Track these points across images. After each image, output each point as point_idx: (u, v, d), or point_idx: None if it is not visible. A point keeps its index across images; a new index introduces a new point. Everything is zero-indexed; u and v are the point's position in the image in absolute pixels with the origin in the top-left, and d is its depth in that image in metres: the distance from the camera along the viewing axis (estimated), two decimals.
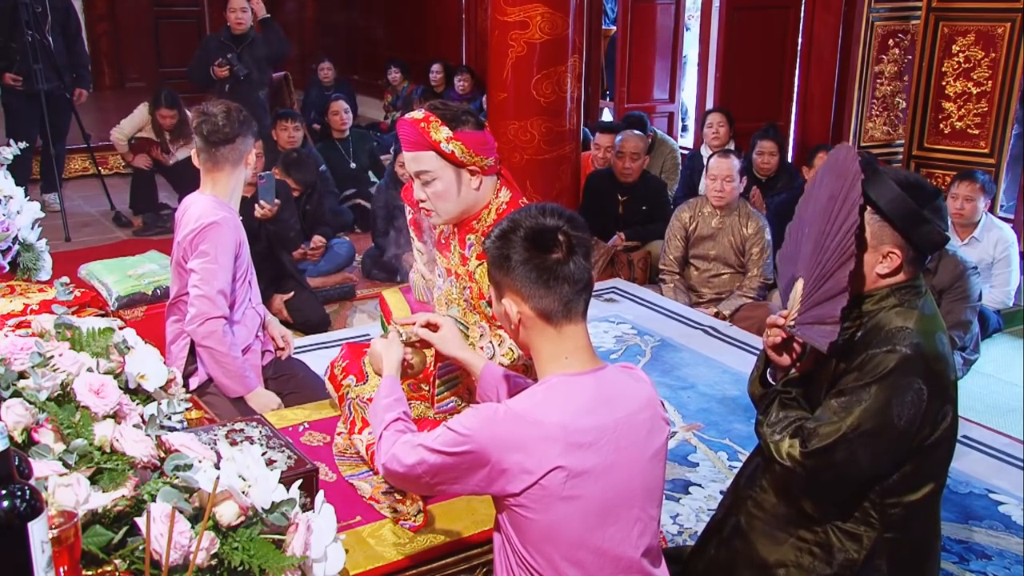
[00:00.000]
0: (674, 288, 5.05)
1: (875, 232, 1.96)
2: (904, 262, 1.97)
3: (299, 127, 6.12)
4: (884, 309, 1.98)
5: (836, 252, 1.94)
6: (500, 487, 1.66)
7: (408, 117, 2.42)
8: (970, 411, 3.92)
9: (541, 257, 1.69)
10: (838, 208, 1.96)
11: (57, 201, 6.30)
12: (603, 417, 1.68)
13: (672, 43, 7.82)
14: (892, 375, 1.89)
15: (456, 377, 2.47)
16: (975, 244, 4.72)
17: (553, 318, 1.71)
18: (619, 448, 1.68)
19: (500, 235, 1.73)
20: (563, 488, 1.64)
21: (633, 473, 1.71)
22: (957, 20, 5.30)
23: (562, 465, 1.63)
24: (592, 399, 1.69)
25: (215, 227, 2.85)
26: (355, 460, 2.62)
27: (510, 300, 1.73)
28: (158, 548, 1.33)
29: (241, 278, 2.99)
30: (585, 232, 1.75)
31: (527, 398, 1.71)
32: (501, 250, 1.72)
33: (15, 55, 5.94)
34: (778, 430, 2.01)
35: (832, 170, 2.03)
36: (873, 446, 1.90)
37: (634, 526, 1.73)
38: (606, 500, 1.68)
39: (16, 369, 1.66)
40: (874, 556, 2.00)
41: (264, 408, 2.93)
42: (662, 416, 1.80)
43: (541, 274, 1.69)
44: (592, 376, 1.72)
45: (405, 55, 9.44)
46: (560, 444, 1.63)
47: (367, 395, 2.66)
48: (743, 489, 2.21)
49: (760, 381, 2.22)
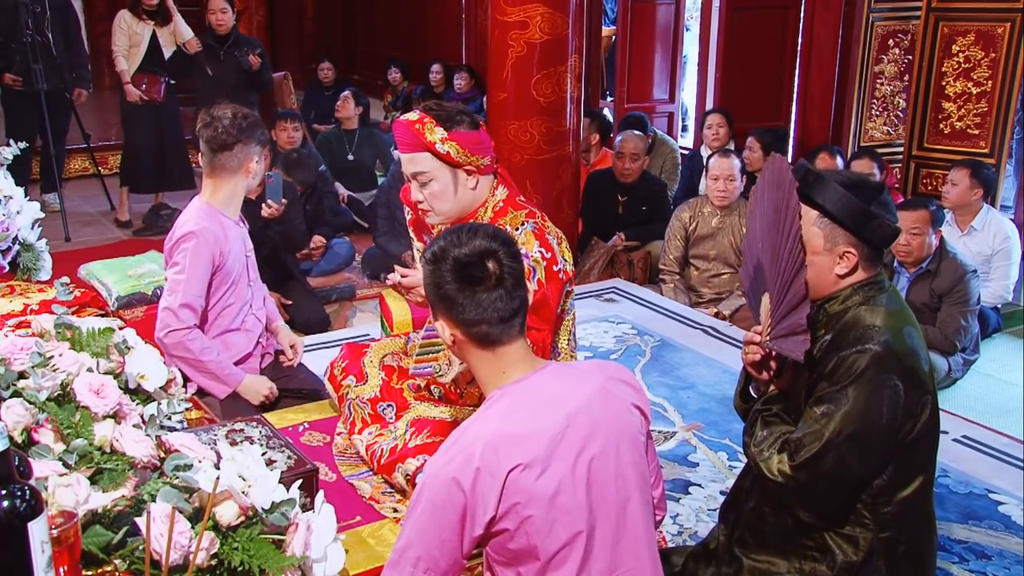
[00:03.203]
0: (674, 288, 5.05)
1: (827, 235, 2.00)
2: (860, 259, 2.01)
3: (299, 127, 6.12)
4: (850, 308, 2.00)
5: (790, 260, 1.98)
6: (480, 519, 1.60)
7: (403, 119, 2.42)
8: (970, 411, 3.92)
9: (470, 289, 1.67)
10: (783, 217, 2.01)
11: (57, 201, 6.30)
12: (554, 414, 1.66)
13: (672, 43, 7.82)
14: (866, 374, 1.91)
15: (437, 344, 2.46)
16: (974, 234, 4.72)
17: (486, 343, 1.70)
18: (577, 437, 1.65)
19: (431, 260, 1.71)
20: (526, 493, 1.60)
21: (600, 461, 1.67)
22: (957, 20, 5.30)
23: (521, 463, 1.60)
24: (539, 400, 1.68)
25: (190, 238, 2.83)
26: (355, 460, 2.62)
27: (443, 323, 1.73)
28: (158, 548, 1.33)
29: (230, 286, 2.94)
30: (516, 258, 1.72)
31: (473, 423, 1.69)
32: (433, 276, 1.70)
33: (15, 55, 5.93)
34: (765, 448, 2.03)
35: (771, 183, 2.08)
36: (860, 448, 1.92)
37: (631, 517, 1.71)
38: (576, 494, 1.65)
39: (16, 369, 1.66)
40: (872, 557, 2.00)
41: (258, 394, 2.92)
42: (628, 401, 1.76)
43: (470, 306, 1.67)
44: (533, 378, 1.71)
45: (405, 55, 9.44)
46: (510, 448, 1.60)
47: (367, 395, 2.67)
48: (743, 502, 2.22)
49: (741, 396, 2.24)
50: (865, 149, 5.48)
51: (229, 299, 2.97)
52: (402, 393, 2.64)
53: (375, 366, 2.74)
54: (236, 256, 2.96)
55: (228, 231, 2.92)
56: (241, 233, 3.02)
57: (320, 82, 8.45)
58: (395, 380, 2.68)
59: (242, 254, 3.01)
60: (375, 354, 2.79)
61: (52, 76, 6.02)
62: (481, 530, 1.61)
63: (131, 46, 6.24)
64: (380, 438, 2.53)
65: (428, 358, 2.47)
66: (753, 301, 2.17)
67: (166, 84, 6.27)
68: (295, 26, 11.43)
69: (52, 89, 6.02)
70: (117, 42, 6.28)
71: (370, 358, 2.77)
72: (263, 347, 3.14)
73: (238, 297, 2.99)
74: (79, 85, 6.42)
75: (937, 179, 5.34)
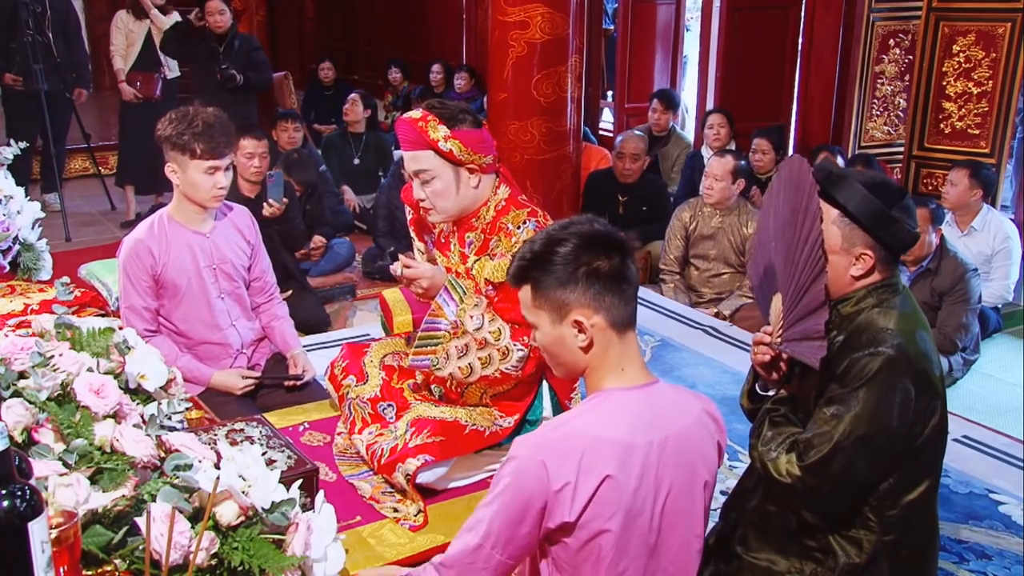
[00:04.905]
0: (674, 288, 5.05)
1: (846, 235, 1.97)
2: (877, 262, 1.98)
3: (299, 127, 6.12)
4: (864, 311, 1.98)
5: (808, 265, 1.95)
6: (560, 515, 1.58)
7: (406, 117, 2.43)
8: (970, 411, 3.92)
9: (607, 261, 1.64)
10: (801, 221, 1.97)
11: (57, 201, 6.30)
12: (654, 432, 1.64)
13: (672, 43, 7.82)
14: (878, 377, 1.89)
15: (436, 337, 2.46)
16: (975, 234, 4.72)
17: (619, 325, 1.67)
18: (668, 464, 1.64)
19: (548, 255, 1.65)
20: (613, 506, 1.58)
21: (679, 492, 1.67)
22: (957, 20, 5.29)
23: (612, 475, 1.58)
24: (644, 414, 1.65)
25: (122, 245, 2.86)
26: (355, 460, 2.63)
27: (579, 315, 1.64)
28: (158, 548, 1.33)
29: (180, 298, 2.87)
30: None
31: (577, 416, 1.66)
32: (566, 267, 1.64)
33: (15, 55, 5.93)
34: (773, 448, 2.01)
35: (789, 183, 2.04)
36: (869, 451, 1.90)
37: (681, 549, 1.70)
38: (653, 520, 1.64)
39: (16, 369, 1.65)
40: (876, 559, 1.99)
41: (232, 387, 2.93)
42: (714, 437, 1.76)
43: (611, 280, 1.64)
44: (644, 391, 1.69)
45: (405, 55, 9.43)
46: (609, 456, 1.58)
47: (367, 395, 2.67)
48: (746, 501, 2.21)
49: (749, 395, 2.23)
50: (859, 156, 5.46)
51: (182, 311, 2.90)
52: (402, 393, 2.65)
53: (375, 366, 2.74)
54: (180, 268, 2.85)
55: (173, 242, 2.84)
56: (200, 244, 2.89)
57: (320, 82, 8.44)
58: (395, 380, 2.68)
59: (194, 266, 2.88)
60: (375, 354, 2.79)
61: (52, 76, 6.02)
62: (554, 526, 1.59)
63: (127, 44, 6.26)
64: (380, 438, 2.53)
65: (427, 351, 2.47)
66: (762, 300, 2.15)
67: (162, 82, 6.27)
68: (295, 26, 11.43)
69: (52, 89, 6.02)
70: (115, 41, 6.31)
71: (370, 358, 2.77)
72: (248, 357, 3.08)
73: (196, 310, 2.90)
74: (79, 85, 6.42)
75: (937, 179, 5.33)
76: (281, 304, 3.20)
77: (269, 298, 3.16)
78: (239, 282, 3.01)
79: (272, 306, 3.16)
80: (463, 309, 2.40)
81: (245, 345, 3.07)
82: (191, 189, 2.79)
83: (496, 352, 2.38)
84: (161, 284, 2.85)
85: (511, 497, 1.58)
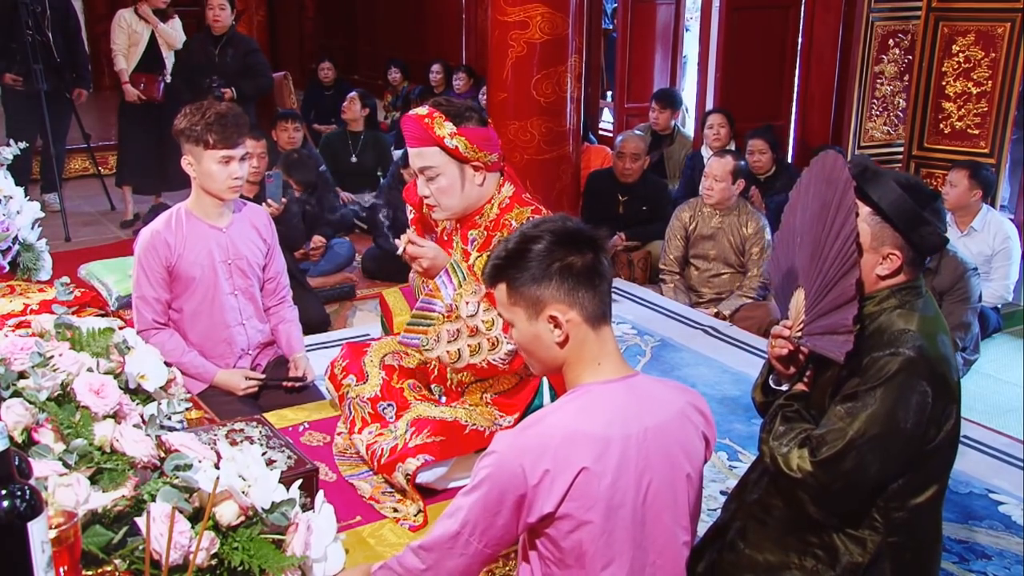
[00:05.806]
0: (674, 288, 5.05)
1: (875, 233, 1.95)
2: (904, 263, 1.96)
3: (299, 127, 6.12)
4: (885, 311, 1.97)
5: (838, 260, 1.93)
6: (539, 508, 1.60)
7: (413, 113, 2.43)
8: (970, 411, 3.92)
9: (580, 257, 1.66)
10: (832, 215, 1.95)
11: (57, 201, 6.30)
12: (633, 425, 1.65)
13: (672, 43, 7.82)
14: (897, 378, 1.88)
15: (430, 318, 2.46)
16: (974, 235, 4.72)
17: (594, 319, 1.68)
18: (649, 456, 1.65)
19: (522, 253, 1.67)
20: (592, 498, 1.60)
21: (661, 485, 1.68)
22: (957, 20, 5.29)
23: (588, 467, 1.59)
24: (622, 407, 1.66)
25: (139, 237, 2.90)
26: (355, 460, 2.62)
27: (554, 311, 1.66)
28: (158, 548, 1.33)
29: (191, 291, 2.90)
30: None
31: (554, 411, 1.68)
32: (540, 264, 1.66)
33: (15, 55, 5.93)
34: (784, 443, 2.00)
35: (821, 177, 2.03)
36: (881, 451, 1.89)
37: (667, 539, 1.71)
38: (635, 512, 1.65)
39: (16, 369, 1.66)
40: (878, 560, 1.99)
41: (234, 387, 2.95)
42: (699, 429, 1.76)
43: (585, 275, 1.65)
44: (622, 384, 1.70)
45: (405, 55, 9.44)
46: (585, 449, 1.60)
47: (367, 395, 2.67)
48: (748, 493, 2.21)
49: (762, 389, 2.22)
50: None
51: (193, 304, 2.92)
52: (402, 393, 2.64)
53: (375, 365, 2.74)
54: (194, 261, 2.88)
55: (190, 235, 2.87)
56: (217, 238, 2.92)
57: (320, 82, 8.45)
58: (396, 379, 2.68)
59: (209, 260, 2.91)
60: (375, 353, 2.79)
61: (52, 76, 6.01)
62: (535, 520, 1.62)
63: (130, 45, 6.25)
64: (380, 438, 2.53)
65: (418, 329, 2.47)
66: (782, 295, 2.14)
67: (164, 83, 6.26)
68: (295, 26, 11.44)
69: (52, 89, 6.02)
70: (116, 41, 6.29)
71: (370, 357, 2.77)
72: (252, 357, 3.09)
73: (207, 303, 2.93)
74: (79, 85, 6.42)
75: (937, 179, 5.33)
76: (291, 308, 3.21)
77: (280, 300, 3.18)
78: (253, 280, 3.03)
79: (282, 308, 3.18)
80: (460, 294, 2.40)
81: (251, 347, 3.07)
82: (207, 180, 2.84)
83: (486, 341, 2.38)
84: (175, 276, 2.88)
85: (489, 488, 1.61)
